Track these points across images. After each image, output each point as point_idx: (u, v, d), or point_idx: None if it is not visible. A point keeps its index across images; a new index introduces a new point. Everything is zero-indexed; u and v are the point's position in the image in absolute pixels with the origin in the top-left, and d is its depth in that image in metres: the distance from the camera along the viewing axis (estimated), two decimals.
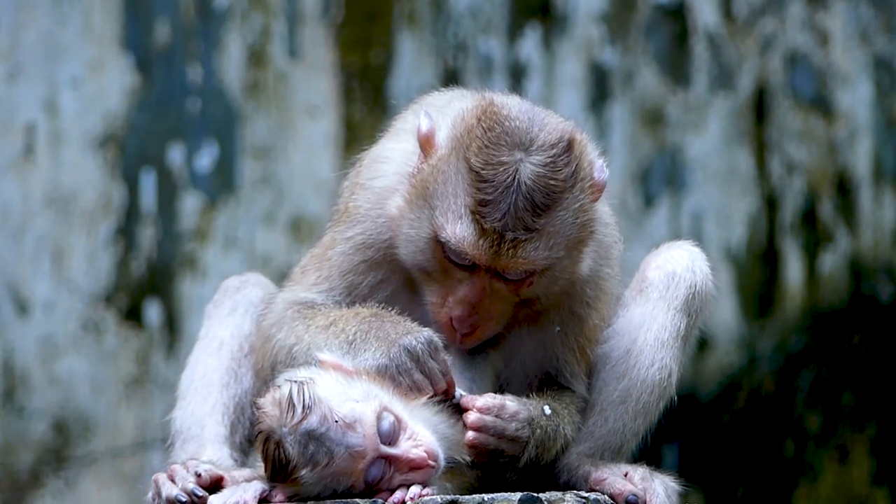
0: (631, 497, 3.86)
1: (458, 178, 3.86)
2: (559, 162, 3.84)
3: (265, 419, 3.68)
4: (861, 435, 6.59)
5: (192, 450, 4.06)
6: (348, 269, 4.07)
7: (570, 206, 3.85)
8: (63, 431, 6.06)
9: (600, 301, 4.08)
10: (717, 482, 6.46)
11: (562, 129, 3.89)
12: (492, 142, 3.84)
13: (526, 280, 3.90)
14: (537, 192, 3.81)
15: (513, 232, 3.82)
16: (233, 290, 4.27)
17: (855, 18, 6.68)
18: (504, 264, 3.85)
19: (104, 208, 6.13)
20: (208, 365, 4.16)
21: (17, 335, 6.05)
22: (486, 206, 3.81)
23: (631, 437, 4.05)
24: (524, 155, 3.83)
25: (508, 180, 3.81)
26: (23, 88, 6.09)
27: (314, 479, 3.65)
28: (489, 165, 3.82)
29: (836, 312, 6.61)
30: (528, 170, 3.82)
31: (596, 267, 4.03)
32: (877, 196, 6.65)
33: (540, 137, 3.85)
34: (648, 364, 4.06)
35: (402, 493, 3.66)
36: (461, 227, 3.85)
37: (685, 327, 4.09)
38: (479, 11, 6.38)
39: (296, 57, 6.27)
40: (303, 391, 3.65)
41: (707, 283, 4.12)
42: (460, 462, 3.78)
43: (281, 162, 6.23)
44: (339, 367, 3.75)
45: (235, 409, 4.14)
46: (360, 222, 4.06)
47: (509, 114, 3.88)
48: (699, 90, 6.55)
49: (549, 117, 3.92)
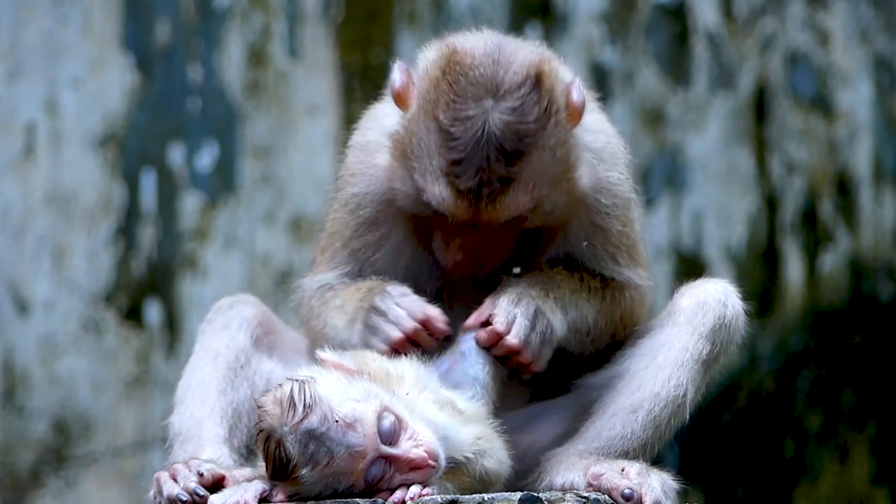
0: (627, 491, 3.85)
1: (429, 137, 3.85)
2: (528, 102, 3.81)
3: (266, 418, 3.68)
4: (861, 434, 6.59)
5: (191, 449, 4.06)
6: (350, 236, 4.10)
7: (547, 143, 3.84)
8: (63, 431, 6.06)
9: (618, 208, 4.07)
10: (717, 482, 6.46)
11: (528, 63, 3.85)
12: (458, 95, 3.82)
13: (518, 220, 3.90)
14: (507, 140, 3.79)
15: (488, 186, 3.81)
16: (225, 307, 4.27)
17: (855, 18, 6.68)
18: (486, 217, 3.87)
19: (104, 208, 6.13)
20: (205, 373, 4.16)
21: (17, 335, 6.05)
22: (458, 165, 3.81)
23: (638, 447, 4.04)
24: (493, 102, 3.80)
25: (478, 134, 3.79)
26: (23, 88, 6.09)
27: (314, 479, 3.65)
28: (457, 121, 3.81)
29: (837, 312, 6.61)
30: (496, 119, 3.79)
31: (601, 175, 4.03)
32: (877, 196, 6.65)
33: (506, 80, 3.82)
34: (665, 379, 4.05)
35: (402, 492, 3.66)
36: (439, 188, 3.85)
37: (707, 353, 4.07)
38: (479, 11, 6.38)
39: (296, 56, 6.27)
40: (304, 390, 3.65)
41: (738, 320, 4.10)
42: (461, 462, 3.79)
43: (281, 161, 6.23)
44: (340, 366, 3.76)
45: (233, 415, 4.14)
46: (352, 182, 4.08)
47: (472, 61, 3.84)
48: (699, 90, 6.55)
49: (515, 53, 3.87)
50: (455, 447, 3.77)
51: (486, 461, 3.80)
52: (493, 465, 3.82)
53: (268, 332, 4.25)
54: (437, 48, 3.94)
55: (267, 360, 4.23)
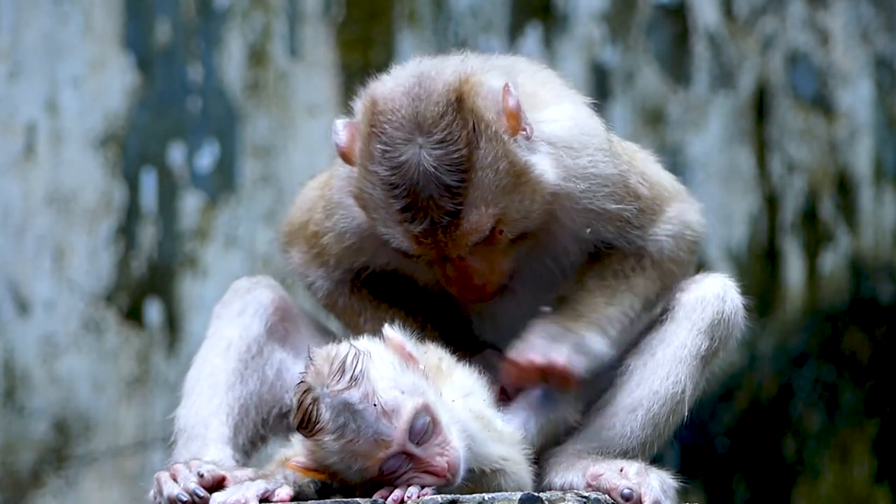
0: (626, 491, 3.84)
1: (374, 189, 3.83)
2: (454, 129, 3.78)
3: (312, 371, 3.65)
4: (862, 434, 6.59)
5: (195, 449, 4.06)
6: (340, 258, 4.11)
7: (484, 162, 3.80)
8: (64, 431, 6.06)
9: (603, 187, 3.99)
10: (717, 482, 6.46)
11: (447, 90, 3.81)
12: (387, 144, 3.80)
13: (490, 238, 3.89)
14: (444, 174, 3.77)
15: (440, 224, 3.80)
16: (243, 290, 4.27)
17: (856, 18, 6.68)
18: (451, 250, 3.86)
19: (105, 207, 6.13)
20: (215, 365, 4.16)
21: (17, 334, 6.05)
22: (406, 212, 3.80)
23: (637, 445, 4.04)
24: (422, 139, 3.78)
25: (414, 177, 3.77)
26: (23, 87, 6.09)
27: (333, 449, 3.63)
28: (393, 169, 3.79)
29: (837, 312, 6.61)
30: (427, 156, 3.76)
31: (570, 163, 3.96)
32: (877, 195, 6.65)
33: (427, 114, 3.79)
34: (663, 377, 4.05)
35: (401, 491, 3.65)
36: (397, 237, 3.86)
37: (706, 349, 4.06)
38: (479, 10, 6.38)
39: (296, 56, 6.27)
40: (357, 362, 3.63)
41: (736, 315, 4.09)
42: (478, 475, 3.76)
43: (282, 161, 6.22)
44: (401, 349, 3.73)
45: (240, 411, 4.14)
46: (335, 212, 4.07)
47: (393, 105, 3.81)
48: (700, 89, 6.55)
49: (434, 82, 3.83)
50: (478, 458, 3.75)
51: (503, 481, 3.78)
52: (510, 488, 3.79)
53: (283, 318, 4.25)
54: (362, 100, 3.91)
55: (279, 350, 4.22)
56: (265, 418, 4.22)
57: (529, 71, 4.10)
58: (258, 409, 4.17)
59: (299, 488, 3.79)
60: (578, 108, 4.07)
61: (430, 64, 3.93)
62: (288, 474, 3.83)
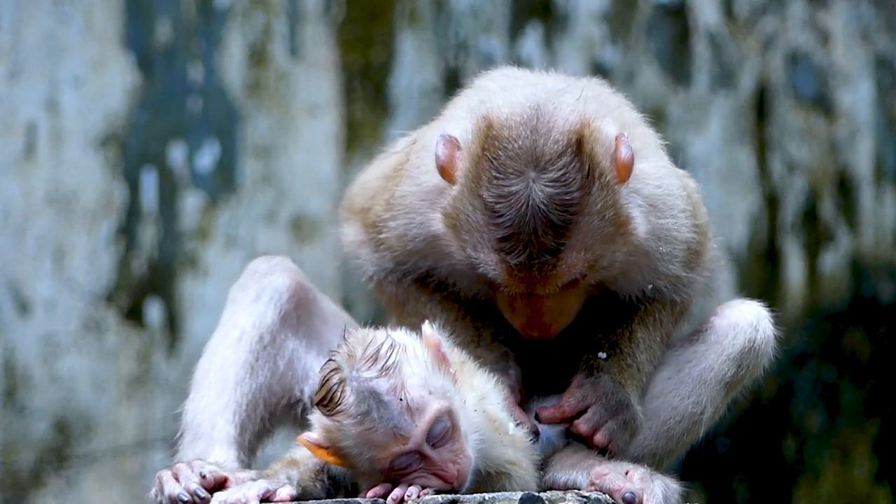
0: (628, 495, 3.85)
1: (476, 214, 3.81)
2: (570, 171, 3.77)
3: (344, 351, 3.65)
4: (862, 434, 6.59)
5: (199, 449, 4.06)
6: (397, 255, 4.09)
7: (593, 209, 3.80)
8: (64, 431, 6.05)
9: (678, 250, 4.02)
10: (717, 482, 6.46)
11: (568, 129, 3.80)
12: (499, 171, 3.78)
13: (574, 282, 3.88)
14: (553, 212, 3.75)
15: (538, 260, 3.78)
16: (260, 274, 4.26)
17: (856, 18, 6.68)
18: (541, 288, 3.84)
19: (105, 207, 6.13)
20: (226, 357, 4.15)
21: (17, 334, 6.04)
22: (507, 242, 3.78)
23: (647, 454, 4.05)
24: (535, 174, 3.76)
25: (523, 209, 3.75)
26: (24, 87, 6.09)
27: (349, 433, 3.63)
28: (501, 198, 3.77)
29: (837, 312, 6.61)
30: (539, 192, 3.75)
31: (656, 223, 3.97)
32: (878, 195, 6.65)
33: (546, 151, 3.78)
34: (685, 395, 4.06)
35: (401, 490, 3.65)
36: (490, 264, 3.83)
37: (731, 375, 4.07)
38: (480, 10, 6.38)
39: (297, 56, 6.27)
40: (391, 353, 3.63)
41: (766, 345, 4.11)
42: (484, 476, 3.76)
43: (282, 161, 6.22)
44: (437, 350, 3.73)
45: (248, 407, 4.14)
46: (401, 216, 4.05)
47: (510, 134, 3.79)
48: (700, 89, 6.55)
49: (554, 117, 3.83)
50: (487, 459, 3.76)
51: (507, 484, 3.79)
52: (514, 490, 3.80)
53: (298, 305, 4.23)
54: (474, 120, 3.88)
55: (292, 338, 4.21)
56: (273, 411, 4.22)
57: (618, 112, 4.08)
58: (266, 402, 4.17)
59: (303, 488, 3.79)
60: (665, 163, 4.10)
61: (544, 93, 3.91)
62: (291, 475, 3.84)
